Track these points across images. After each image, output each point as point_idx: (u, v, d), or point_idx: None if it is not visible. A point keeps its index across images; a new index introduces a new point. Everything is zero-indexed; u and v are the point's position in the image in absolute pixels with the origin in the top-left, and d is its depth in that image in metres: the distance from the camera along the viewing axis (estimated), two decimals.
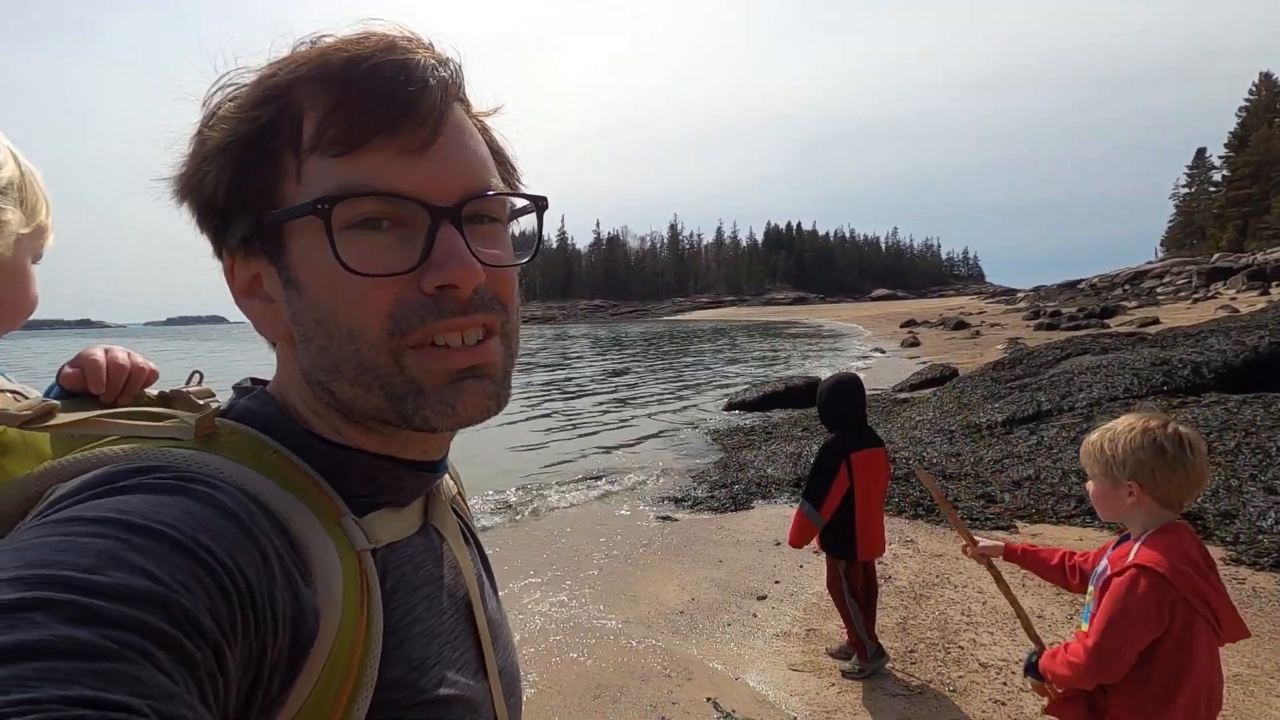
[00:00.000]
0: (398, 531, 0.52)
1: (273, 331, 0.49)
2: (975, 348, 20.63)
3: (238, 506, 0.40)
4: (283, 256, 0.47)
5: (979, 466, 6.56)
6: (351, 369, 0.46)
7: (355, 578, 0.46)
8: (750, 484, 6.92)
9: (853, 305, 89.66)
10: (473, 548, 0.64)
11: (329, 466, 0.49)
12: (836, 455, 3.35)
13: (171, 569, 0.34)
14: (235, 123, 0.47)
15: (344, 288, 0.45)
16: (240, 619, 0.37)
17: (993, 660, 3.42)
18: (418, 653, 0.50)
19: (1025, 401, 8.09)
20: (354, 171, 0.44)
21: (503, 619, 0.64)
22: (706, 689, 3.35)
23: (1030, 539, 5.01)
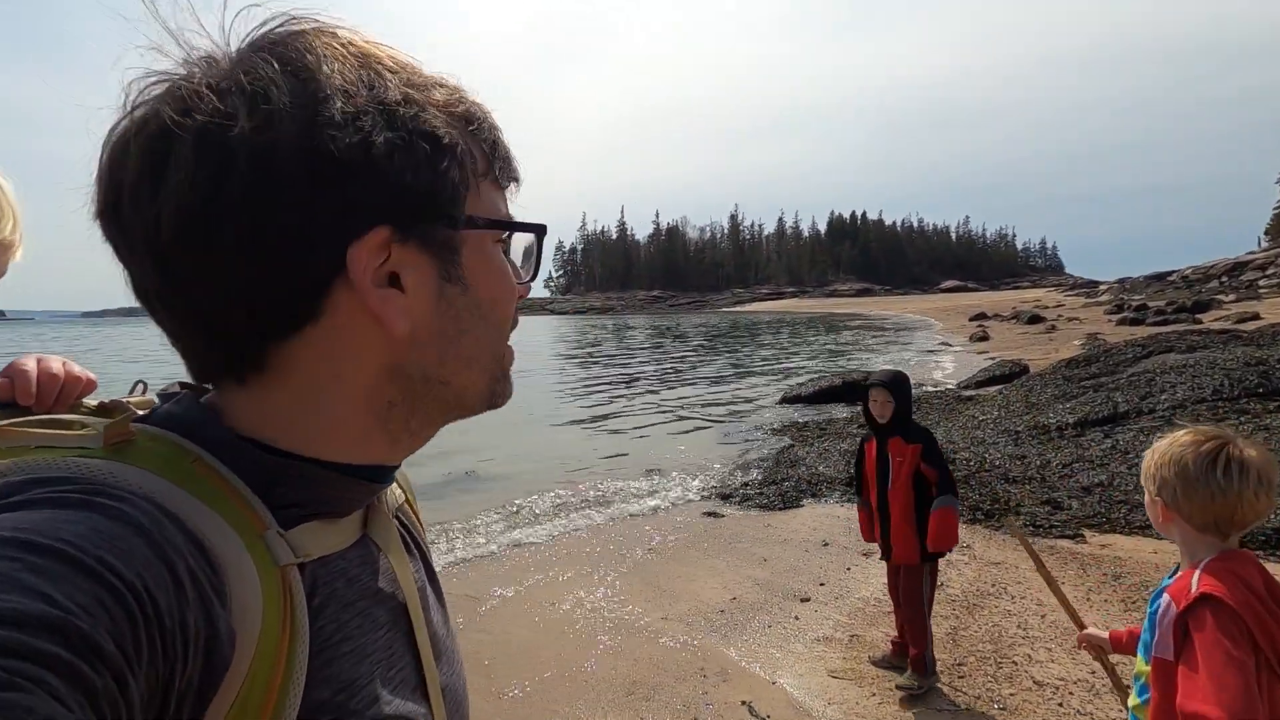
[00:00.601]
0: (330, 544, 0.50)
1: (394, 323, 0.47)
2: (1049, 343, 19.59)
3: (147, 521, 0.38)
4: (455, 256, 0.49)
5: (1045, 470, 6.23)
6: (488, 357, 0.53)
7: (277, 595, 0.44)
8: (801, 481, 6.78)
9: (920, 297, 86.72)
10: (417, 559, 0.62)
11: (260, 475, 0.47)
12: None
13: (71, 591, 0.33)
14: (449, 123, 0.48)
15: (505, 288, 0.53)
16: (146, 643, 0.35)
17: (1049, 679, 3.23)
18: (347, 672, 0.48)
19: (1100, 402, 7.62)
20: (504, 204, 0.54)
21: (448, 634, 0.62)
22: (742, 691, 3.29)
23: (1099, 549, 4.72)
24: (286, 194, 0.43)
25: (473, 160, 0.50)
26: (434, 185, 0.47)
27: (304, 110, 0.43)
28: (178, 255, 0.43)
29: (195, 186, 0.42)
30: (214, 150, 0.42)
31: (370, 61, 0.47)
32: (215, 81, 0.44)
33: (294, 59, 0.45)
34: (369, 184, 0.45)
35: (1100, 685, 3.15)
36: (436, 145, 0.47)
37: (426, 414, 0.52)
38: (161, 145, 0.43)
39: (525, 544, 5.49)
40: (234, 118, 0.42)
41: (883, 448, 3.31)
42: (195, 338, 0.47)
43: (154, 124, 0.43)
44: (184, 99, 0.43)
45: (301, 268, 0.44)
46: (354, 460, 0.51)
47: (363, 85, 0.45)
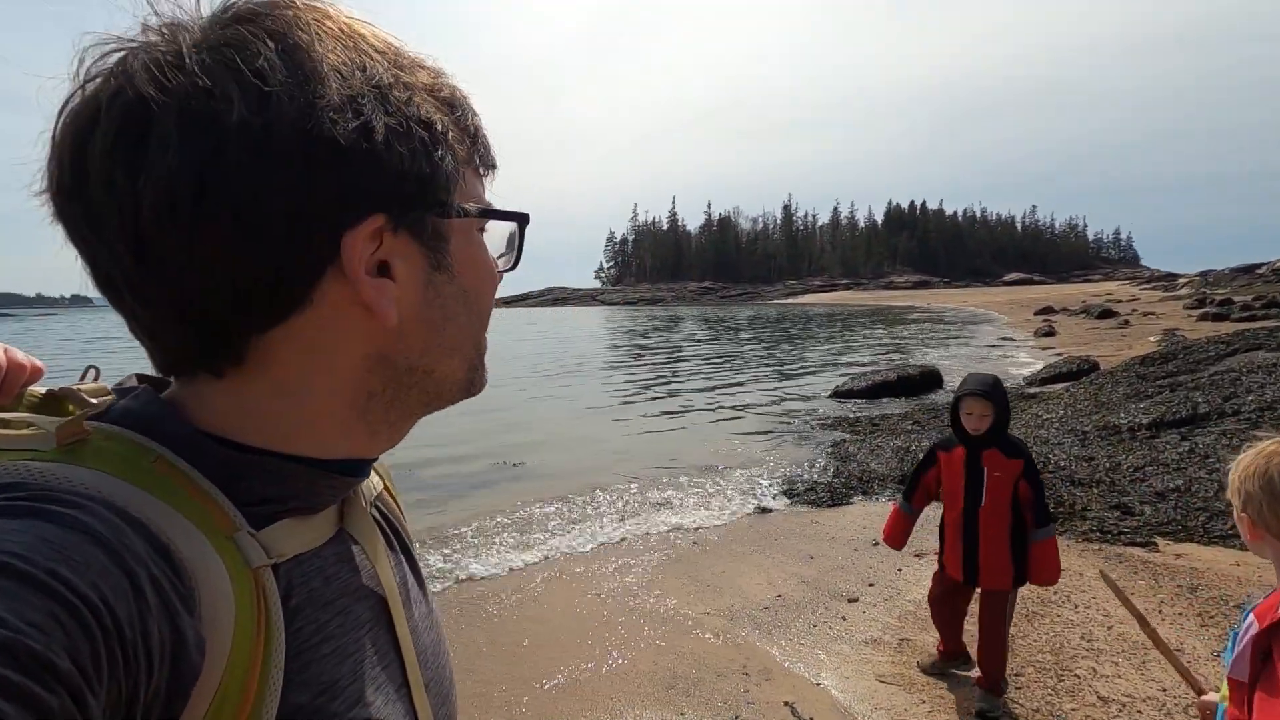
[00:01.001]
0: (305, 542, 0.48)
1: (386, 313, 0.45)
2: (1122, 339, 18.58)
3: (104, 528, 0.36)
4: (444, 244, 0.48)
5: (1115, 473, 5.89)
6: (470, 345, 0.52)
7: (250, 599, 0.42)
8: (851, 478, 6.61)
9: (981, 290, 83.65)
10: (398, 552, 0.60)
11: (225, 471, 0.44)
12: None
13: (20, 608, 0.31)
14: (437, 108, 0.47)
15: (489, 280, 0.53)
16: (106, 657, 0.33)
17: (1115, 695, 3.04)
18: (327, 674, 0.46)
19: (1178, 402, 7.16)
20: (484, 191, 0.53)
21: (431, 627, 0.60)
22: (785, 692, 3.22)
23: (1174, 559, 4.44)
24: (282, 178, 0.40)
25: (460, 147, 0.49)
26: (429, 173, 0.46)
27: (301, 91, 0.41)
28: (160, 240, 0.40)
29: (183, 168, 0.39)
30: (204, 130, 0.39)
31: (357, 40, 0.45)
32: (198, 54, 0.41)
33: (285, 35, 0.42)
34: (367, 170, 0.43)
35: (1173, 705, 2.95)
36: (431, 131, 0.46)
37: (406, 405, 0.51)
38: (139, 122, 0.39)
39: (568, 534, 5.51)
40: (227, 97, 0.39)
41: (974, 459, 2.96)
42: (171, 328, 0.44)
43: (130, 96, 0.40)
44: (159, 71, 0.40)
45: (295, 255, 0.42)
46: (330, 455, 0.49)
47: (355, 66, 0.43)
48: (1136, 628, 3.53)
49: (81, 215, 0.42)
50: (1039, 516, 2.87)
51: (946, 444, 3.12)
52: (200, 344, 0.44)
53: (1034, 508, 2.87)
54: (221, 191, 0.39)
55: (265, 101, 0.40)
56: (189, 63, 0.40)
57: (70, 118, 0.42)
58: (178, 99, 0.39)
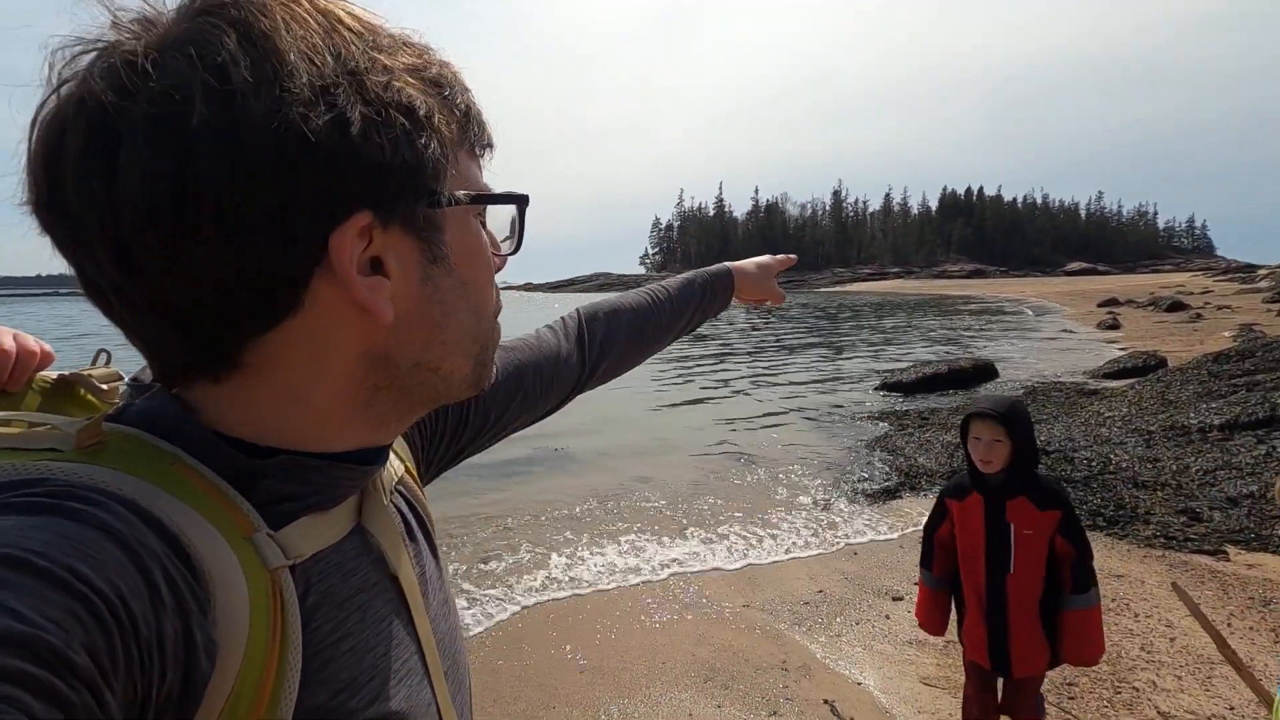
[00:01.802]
0: (323, 539, 0.48)
1: (382, 312, 0.44)
2: (1193, 334, 17.61)
3: (123, 526, 0.37)
4: (439, 235, 0.47)
5: (1182, 476, 5.60)
6: (471, 340, 0.50)
7: (266, 600, 0.42)
8: (898, 473, 6.45)
9: (1040, 280, 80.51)
10: (419, 540, 0.59)
11: (242, 473, 0.44)
12: None
13: (39, 604, 0.31)
14: (422, 90, 0.45)
15: (485, 268, 0.51)
16: (122, 654, 0.33)
17: (1176, 710, 2.90)
18: (346, 672, 0.46)
19: (1255, 402, 6.74)
20: (479, 173, 0.51)
21: (448, 614, 0.60)
22: (825, 690, 3.17)
23: (1245, 569, 4.19)
24: (256, 181, 0.38)
25: (450, 129, 0.47)
26: (414, 162, 0.43)
27: (267, 86, 0.38)
28: (141, 248, 0.39)
29: (157, 178, 0.38)
30: (171, 138, 0.38)
31: (331, 22, 0.42)
32: (159, 53, 0.39)
33: (249, 23, 0.39)
34: (346, 166, 0.41)
35: None
36: (413, 117, 0.43)
37: (411, 401, 0.51)
38: (106, 130, 0.38)
39: (607, 524, 5.54)
40: (189, 99, 0.37)
41: (997, 512, 2.26)
42: (162, 336, 0.43)
43: (92, 104, 0.38)
44: (122, 75, 0.38)
45: (279, 259, 0.40)
46: (342, 448, 0.48)
47: (328, 52, 0.41)
48: (1202, 641, 3.37)
49: (62, 225, 0.41)
50: (1079, 580, 2.20)
51: (958, 489, 2.39)
52: (192, 351, 0.43)
53: (1074, 569, 2.21)
54: (197, 198, 0.38)
55: (229, 101, 0.38)
56: (149, 65, 0.38)
57: (42, 128, 0.40)
58: (143, 104, 0.38)
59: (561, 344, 0.87)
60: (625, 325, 0.94)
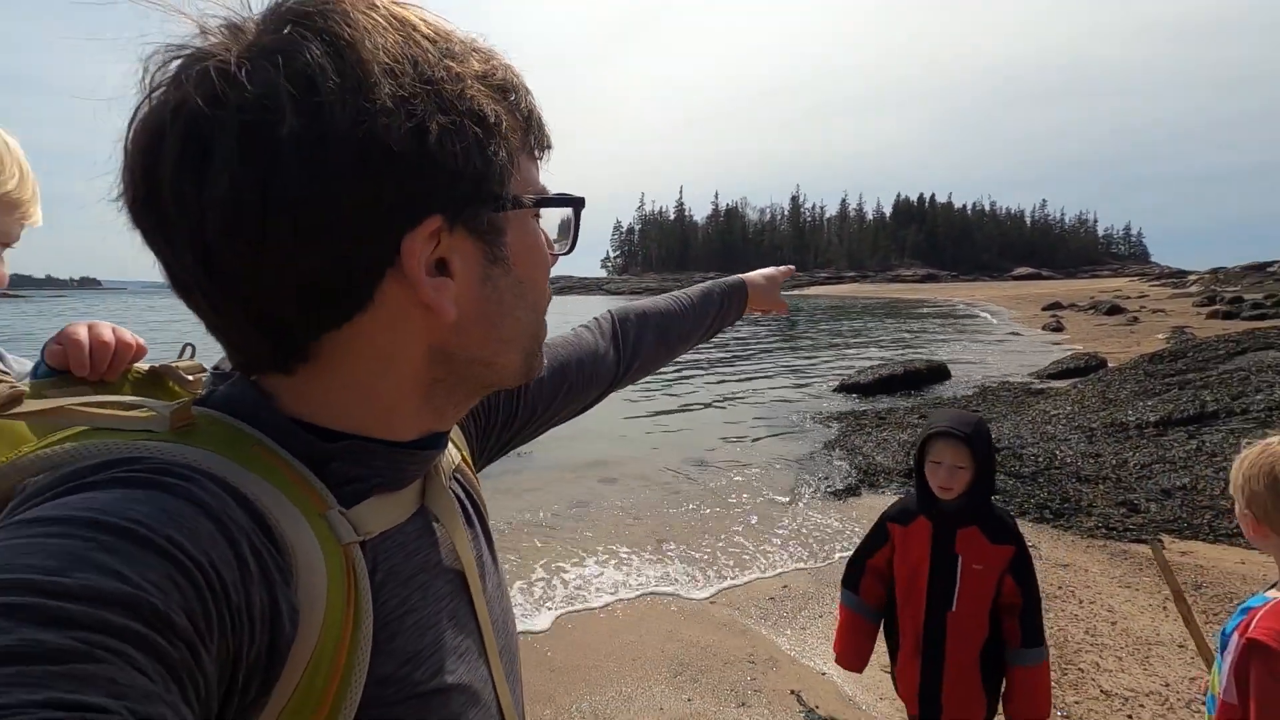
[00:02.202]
0: (390, 519, 0.51)
1: (446, 311, 0.46)
2: (1130, 336, 18.49)
3: (213, 500, 0.39)
4: (500, 237, 0.49)
5: (1121, 470, 5.90)
6: (527, 336, 0.53)
7: (341, 573, 0.44)
8: (858, 471, 6.63)
9: (989, 284, 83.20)
10: (475, 526, 0.62)
11: (316, 455, 0.47)
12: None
13: (141, 568, 0.34)
14: (491, 98, 0.46)
15: (542, 267, 0.53)
16: (215, 618, 0.36)
17: (1118, 689, 3.08)
18: (411, 645, 0.49)
19: (1186, 400, 7.15)
20: (539, 175, 0.53)
21: (502, 596, 0.63)
22: (791, 680, 3.26)
23: (1179, 556, 4.45)
24: (338, 187, 0.41)
25: (514, 134, 0.49)
26: (484, 169, 0.45)
27: (353, 96, 0.40)
28: (226, 251, 0.41)
29: (242, 183, 0.40)
30: (260, 147, 0.40)
31: (408, 31, 0.44)
32: (248, 62, 0.40)
33: (334, 33, 0.41)
34: (423, 173, 0.43)
35: (1175, 699, 2.98)
36: (485, 125, 0.45)
37: (468, 389, 0.53)
38: (200, 139, 0.40)
39: (569, 523, 5.56)
40: (279, 110, 0.39)
41: (945, 541, 2.01)
42: (240, 331, 0.45)
43: (187, 111, 0.40)
44: (215, 82, 0.40)
45: (354, 260, 0.43)
46: (405, 436, 0.51)
47: (407, 62, 0.43)
48: (1141, 624, 3.57)
49: (155, 225, 0.43)
50: (1029, 633, 1.97)
51: (903, 513, 2.13)
52: (269, 346, 0.45)
53: (1023, 618, 1.97)
54: (282, 204, 0.40)
55: (317, 112, 0.40)
56: (240, 74, 0.40)
57: (139, 130, 0.42)
58: (234, 113, 0.40)
59: (599, 342, 0.91)
60: (654, 327, 0.99)
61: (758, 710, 3.05)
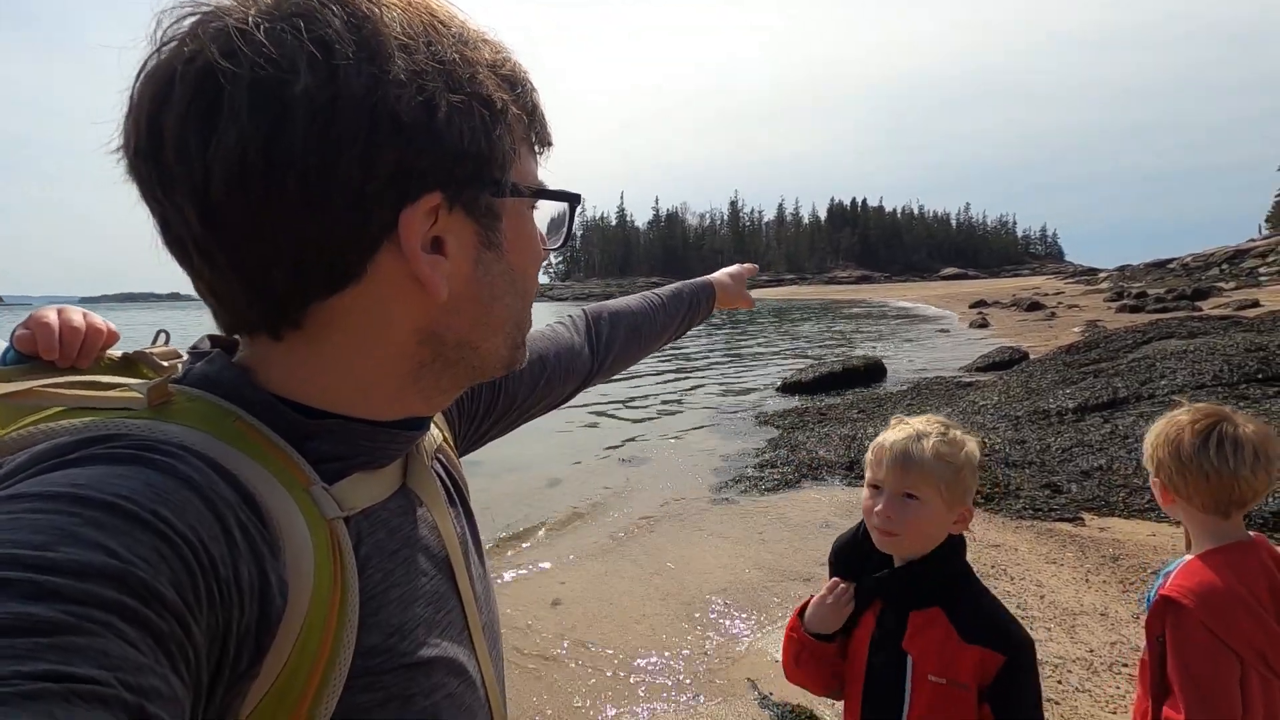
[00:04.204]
0: (372, 496, 0.51)
1: (437, 289, 0.46)
2: (1049, 330, 19.59)
3: (198, 475, 0.39)
4: (497, 222, 0.49)
5: (1045, 455, 6.25)
6: (514, 326, 0.54)
7: (327, 547, 0.45)
8: (801, 465, 6.80)
9: (920, 284, 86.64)
10: (457, 505, 0.63)
11: (296, 431, 0.47)
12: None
13: (129, 542, 0.33)
14: (499, 85, 0.47)
15: (534, 258, 0.54)
16: (204, 591, 0.36)
17: (1049, 657, 3.26)
18: (396, 617, 0.49)
19: (1100, 388, 7.63)
20: (538, 168, 0.54)
21: (484, 574, 0.64)
22: (746, 669, 3.33)
23: (1098, 532, 4.76)
24: (346, 153, 0.41)
25: (518, 125, 0.50)
26: (487, 152, 0.46)
27: (368, 65, 0.41)
28: (228, 206, 0.41)
29: (252, 140, 0.40)
30: (271, 102, 0.40)
31: (426, 14, 0.45)
32: (268, 23, 0.41)
33: (354, 4, 0.42)
34: (428, 148, 0.43)
35: (1099, 663, 3.19)
36: (492, 110, 0.46)
37: (454, 376, 0.53)
38: (211, 90, 0.40)
39: (521, 526, 5.51)
40: (295, 69, 0.40)
41: (890, 626, 1.29)
42: (234, 291, 0.45)
43: (201, 63, 0.40)
44: (233, 38, 0.40)
45: (354, 228, 0.43)
46: (388, 416, 0.51)
47: (422, 40, 0.44)
48: (1067, 596, 3.80)
49: (155, 176, 0.43)
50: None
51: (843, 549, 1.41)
52: (261, 307, 0.45)
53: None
54: (288, 163, 0.40)
55: (332, 75, 0.40)
56: (258, 32, 0.40)
57: (147, 80, 0.42)
58: (248, 68, 0.39)
59: (574, 338, 0.92)
60: (626, 326, 1.01)
61: (712, 700, 3.10)
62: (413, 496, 0.56)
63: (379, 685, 0.46)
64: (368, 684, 0.46)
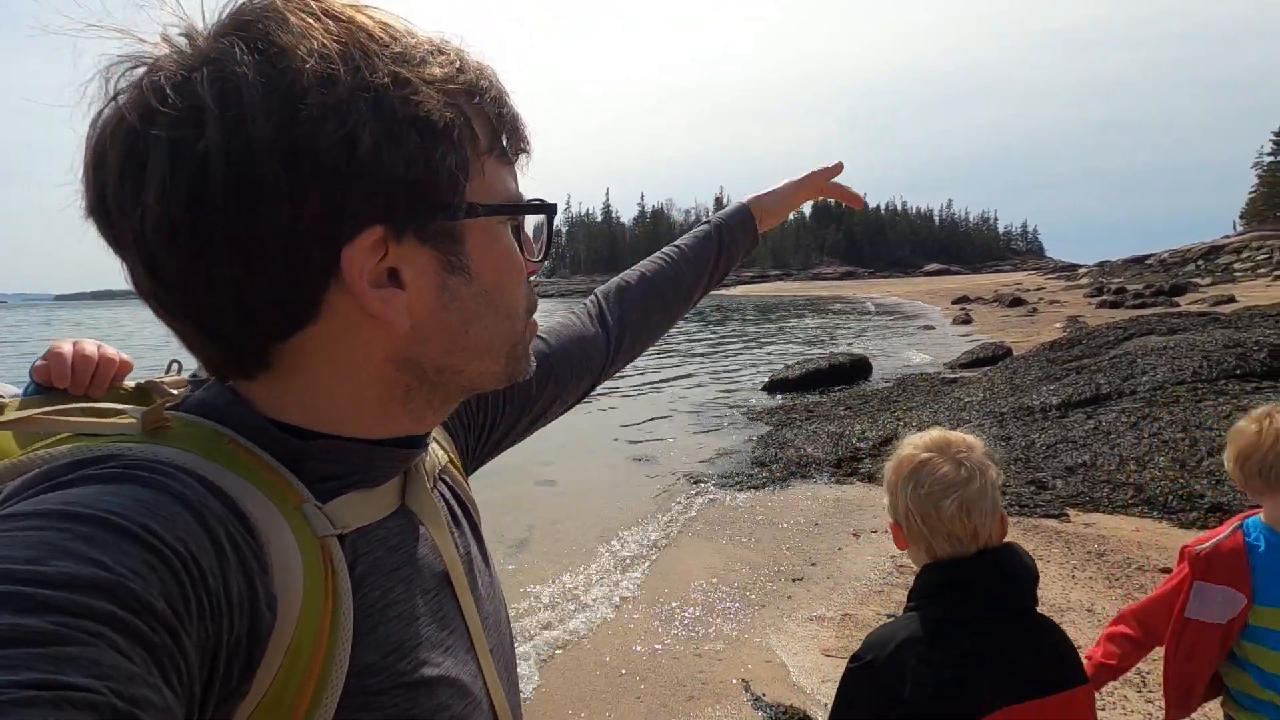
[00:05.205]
0: (368, 515, 0.51)
1: (395, 322, 0.45)
2: (1031, 326, 19.84)
3: (188, 491, 0.40)
4: (458, 246, 0.47)
5: (1030, 451, 6.32)
6: (502, 342, 0.52)
7: (318, 564, 0.45)
8: (790, 464, 6.83)
9: (903, 280, 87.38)
10: (463, 524, 0.63)
11: (290, 453, 0.48)
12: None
13: (119, 555, 0.34)
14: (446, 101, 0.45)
15: (513, 274, 0.52)
16: (195, 603, 0.36)
17: None
18: (395, 635, 0.49)
19: (1083, 384, 7.73)
20: (512, 180, 0.52)
21: (494, 595, 0.63)
22: (737, 670, 3.34)
23: (1083, 528, 4.82)
24: (267, 198, 0.41)
25: (473, 139, 0.47)
26: (428, 177, 0.44)
27: (279, 105, 0.40)
28: (164, 261, 0.42)
29: (173, 194, 0.40)
30: (186, 156, 0.40)
31: (356, 34, 0.43)
32: (183, 74, 0.41)
33: (269, 40, 0.41)
34: (356, 183, 0.42)
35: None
36: (429, 131, 0.44)
37: (445, 395, 0.53)
38: (136, 150, 0.41)
39: (505, 531, 5.49)
40: (203, 122, 0.40)
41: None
42: (193, 338, 0.46)
43: (125, 127, 0.41)
44: (149, 98, 0.41)
45: (292, 271, 0.43)
46: (379, 434, 0.51)
47: (346, 66, 0.42)
48: (1052, 593, 3.84)
49: (106, 233, 0.45)
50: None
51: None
52: (223, 352, 0.46)
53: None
54: (212, 217, 0.41)
55: (237, 123, 0.40)
56: (170, 90, 0.40)
57: (90, 143, 0.43)
58: (165, 128, 0.40)
59: (585, 326, 0.87)
60: (638, 295, 0.92)
61: (704, 701, 3.10)
62: (413, 517, 0.56)
63: (376, 705, 0.46)
64: (365, 703, 0.46)
